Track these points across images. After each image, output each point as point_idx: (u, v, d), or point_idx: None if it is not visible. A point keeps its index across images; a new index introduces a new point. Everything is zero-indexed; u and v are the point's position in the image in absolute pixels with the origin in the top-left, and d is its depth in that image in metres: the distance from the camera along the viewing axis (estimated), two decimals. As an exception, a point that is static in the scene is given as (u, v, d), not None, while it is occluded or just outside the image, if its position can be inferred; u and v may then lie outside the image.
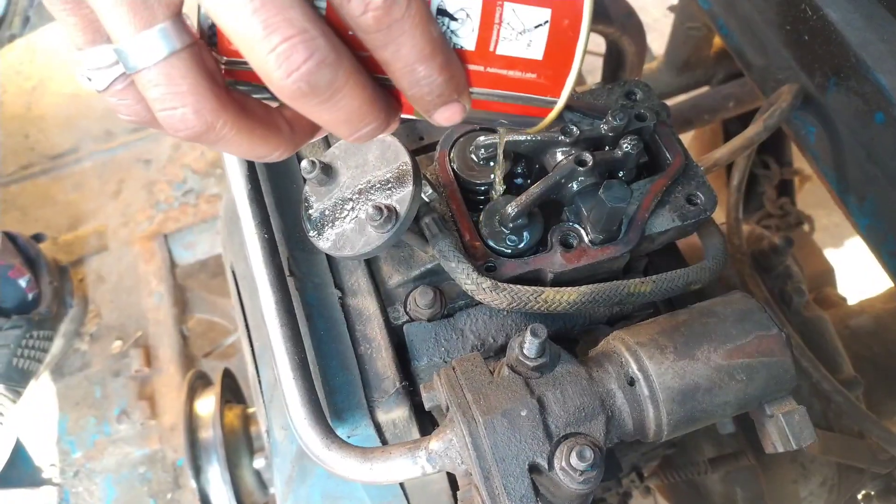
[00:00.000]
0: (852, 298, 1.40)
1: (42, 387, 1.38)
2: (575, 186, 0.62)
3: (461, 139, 0.67)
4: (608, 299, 0.59)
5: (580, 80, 0.96)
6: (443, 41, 0.37)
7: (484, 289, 0.57)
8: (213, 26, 0.38)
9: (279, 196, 0.67)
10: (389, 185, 0.57)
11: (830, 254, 1.72)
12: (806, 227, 1.57)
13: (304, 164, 0.58)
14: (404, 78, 0.36)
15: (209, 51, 0.38)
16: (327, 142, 0.68)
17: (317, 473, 0.65)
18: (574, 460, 0.46)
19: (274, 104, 0.41)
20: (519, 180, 0.69)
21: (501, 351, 0.62)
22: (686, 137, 1.64)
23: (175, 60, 0.35)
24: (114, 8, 0.34)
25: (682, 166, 0.65)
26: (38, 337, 1.32)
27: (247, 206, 0.61)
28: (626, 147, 0.62)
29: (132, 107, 0.38)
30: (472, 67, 0.40)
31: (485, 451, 0.48)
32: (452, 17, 0.38)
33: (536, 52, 0.41)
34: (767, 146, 1.63)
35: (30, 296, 1.33)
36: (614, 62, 1.10)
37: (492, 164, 0.66)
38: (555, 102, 0.44)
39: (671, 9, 1.36)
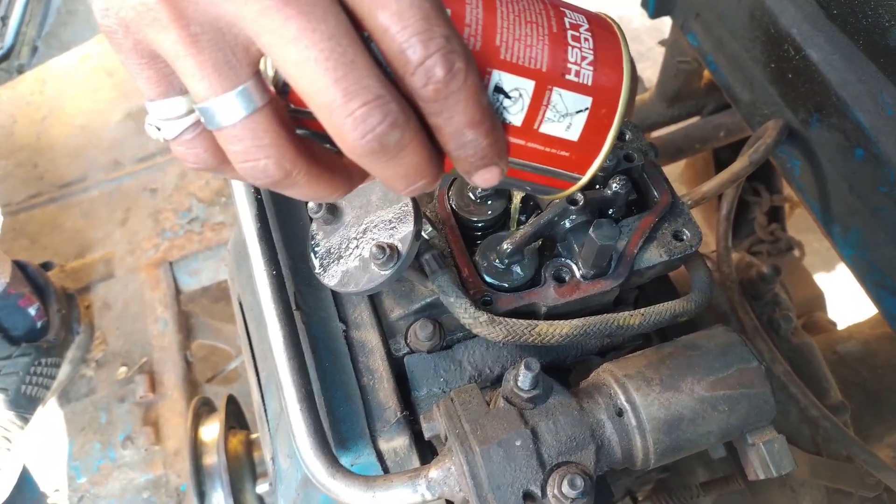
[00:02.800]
0: (843, 322, 1.43)
1: (49, 412, 1.40)
2: (567, 224, 0.66)
3: (459, 178, 0.71)
4: (599, 332, 0.62)
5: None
6: (490, 110, 0.40)
7: (481, 322, 0.60)
8: (286, 82, 0.40)
9: (286, 232, 0.71)
10: (392, 225, 0.60)
11: (821, 278, 1.75)
12: (796, 253, 1.61)
13: (310, 204, 0.62)
14: (452, 141, 0.39)
15: (282, 100, 0.40)
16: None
17: (321, 500, 0.67)
18: (566, 488, 0.48)
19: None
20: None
21: (498, 381, 0.65)
22: (678, 165, 1.68)
23: (258, 117, 0.37)
24: (198, 70, 0.36)
25: (669, 204, 0.68)
26: (46, 364, 1.34)
27: (256, 245, 0.64)
28: (616, 187, 0.66)
29: (200, 155, 0.41)
30: (514, 140, 0.44)
31: (482, 480, 0.51)
32: (507, 96, 0.42)
33: (574, 134, 0.45)
34: (758, 174, 1.67)
35: (39, 324, 1.36)
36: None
37: (489, 202, 0.69)
38: (579, 179, 0.48)
39: (662, 43, 1.40)
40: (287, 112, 0.40)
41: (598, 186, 0.68)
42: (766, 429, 0.54)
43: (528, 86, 0.43)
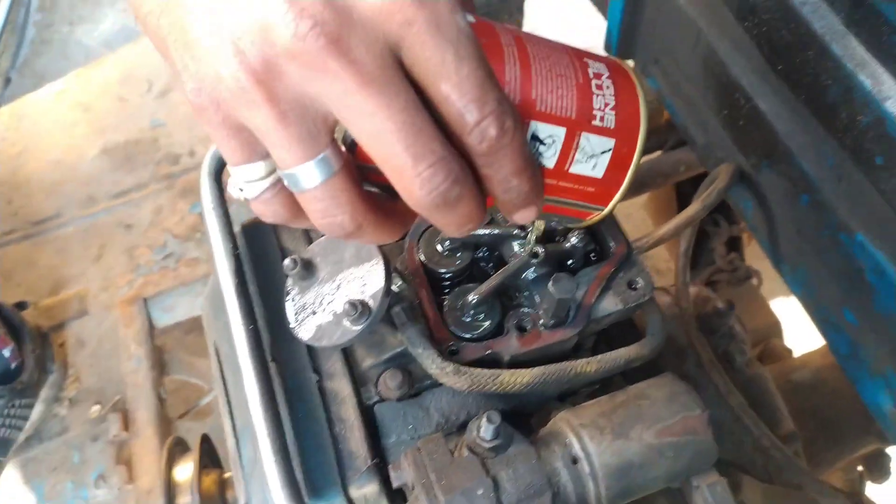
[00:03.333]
0: (800, 347, 1.49)
1: (20, 453, 1.40)
2: (529, 276, 0.70)
3: (427, 231, 0.74)
4: (557, 380, 0.66)
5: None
6: (532, 158, 0.46)
7: (447, 373, 0.64)
8: (353, 140, 0.45)
9: (263, 285, 0.74)
10: (363, 282, 0.64)
11: (780, 303, 1.81)
12: (754, 281, 1.66)
13: (286, 262, 0.65)
14: (499, 187, 0.45)
15: (350, 158, 0.45)
16: (308, 238, 0.75)
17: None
18: (525, 533, 0.52)
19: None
20: (483, 263, 0.76)
21: (463, 427, 0.69)
22: (642, 198, 1.74)
23: (336, 179, 0.42)
24: (286, 142, 0.41)
25: (625, 254, 0.73)
26: (20, 405, 1.35)
27: (234, 300, 0.67)
28: (574, 241, 0.70)
29: (278, 211, 0.46)
30: (547, 181, 0.51)
31: (447, 527, 0.54)
32: (542, 142, 0.49)
33: (599, 172, 0.52)
34: (717, 206, 1.73)
35: (13, 365, 1.36)
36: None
37: (457, 254, 0.73)
38: (602, 210, 0.56)
39: (624, 83, 1.46)
40: (355, 168, 0.45)
41: (557, 239, 0.72)
42: (709, 472, 0.58)
43: (560, 133, 0.49)
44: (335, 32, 0.37)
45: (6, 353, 1.33)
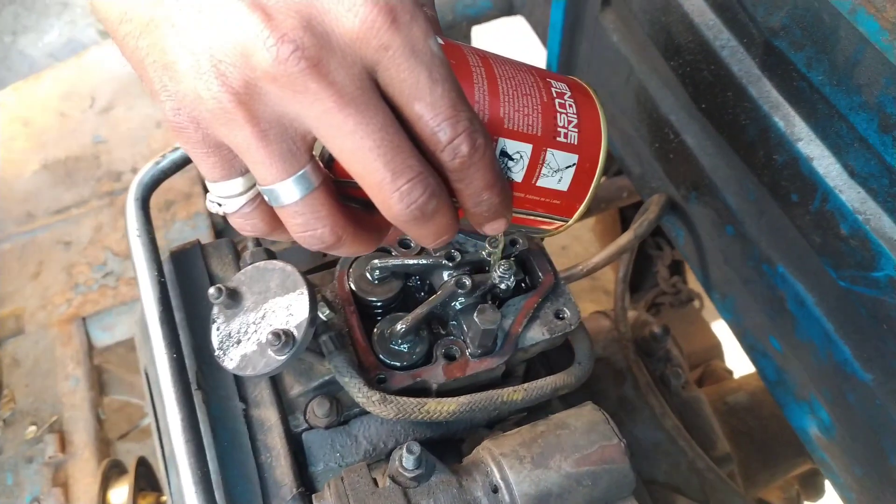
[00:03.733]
0: (740, 368, 1.53)
1: (-51, 476, 1.36)
2: (457, 305, 0.71)
3: (357, 260, 0.75)
4: (484, 408, 0.67)
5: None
6: (501, 173, 0.48)
7: (373, 402, 0.65)
8: (331, 156, 0.46)
9: (190, 312, 0.73)
10: (289, 311, 0.64)
11: (721, 326, 1.86)
12: (696, 303, 1.71)
13: (211, 290, 0.65)
14: (470, 200, 0.47)
15: (329, 173, 0.47)
16: (237, 266, 0.75)
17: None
18: (441, 565, 0.53)
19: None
20: (414, 293, 0.77)
21: (391, 454, 0.69)
22: (589, 222, 1.78)
23: (315, 194, 0.44)
24: (267, 159, 0.42)
25: (552, 285, 0.74)
26: (-51, 427, 1.31)
27: (157, 328, 0.67)
28: (501, 271, 0.71)
29: (257, 224, 0.47)
30: (516, 194, 0.53)
31: (365, 558, 0.54)
32: (510, 158, 0.51)
33: (564, 185, 0.55)
34: (660, 230, 1.78)
35: (-59, 386, 1.32)
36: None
37: (386, 282, 0.74)
38: (567, 220, 0.59)
39: (568, 110, 1.49)
40: (334, 184, 0.46)
41: (486, 269, 0.73)
42: (627, 500, 0.60)
43: (527, 149, 0.51)
44: (315, 56, 0.38)
45: None
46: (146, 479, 1.14)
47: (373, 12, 0.39)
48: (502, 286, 0.71)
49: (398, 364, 0.69)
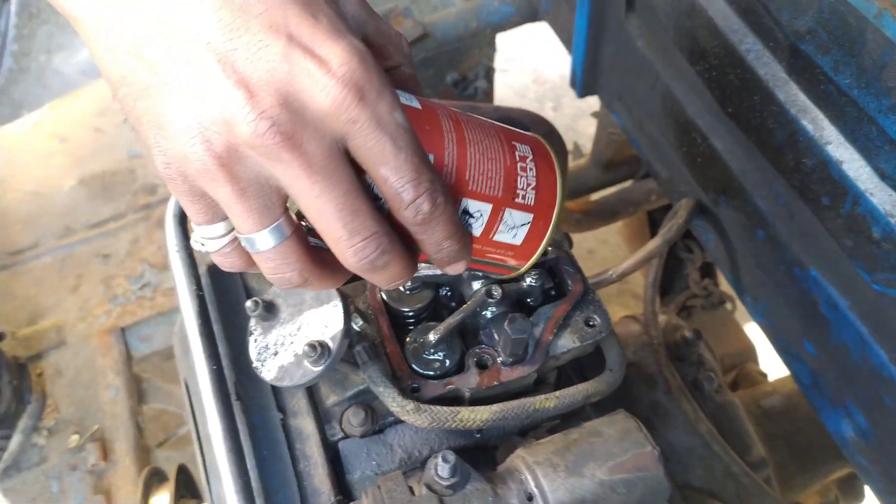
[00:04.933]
0: (775, 371, 1.51)
1: (-2, 483, 1.40)
2: (488, 314, 0.72)
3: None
4: (517, 416, 0.68)
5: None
6: (461, 224, 0.53)
7: (407, 411, 0.66)
8: None
9: (228, 324, 0.75)
10: (324, 323, 0.65)
11: (754, 328, 1.84)
12: (728, 306, 1.69)
13: (248, 303, 0.67)
14: (432, 249, 0.52)
15: (300, 223, 0.51)
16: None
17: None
18: (478, 572, 0.54)
19: None
20: (445, 302, 0.78)
21: (426, 463, 0.70)
22: (616, 225, 1.77)
23: (287, 243, 0.49)
24: (244, 213, 0.46)
25: (582, 293, 0.75)
26: (-3, 436, 1.35)
27: (198, 340, 0.69)
28: (531, 280, 0.72)
29: (235, 262, 0.52)
30: (473, 245, 0.57)
31: (404, 565, 0.56)
32: (471, 216, 0.56)
33: (518, 240, 0.60)
34: (690, 232, 1.77)
35: (-11, 397, 1.36)
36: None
37: (417, 293, 0.75)
38: (518, 269, 0.65)
39: (594, 115, 1.49)
40: (304, 232, 0.51)
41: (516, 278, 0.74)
42: (662, 507, 0.60)
43: (486, 208, 0.56)
44: (289, 131, 0.43)
45: None
46: (186, 486, 1.17)
47: (342, 92, 0.44)
48: (534, 294, 0.72)
49: (431, 373, 0.71)
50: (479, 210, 0.56)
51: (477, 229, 0.57)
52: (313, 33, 0.44)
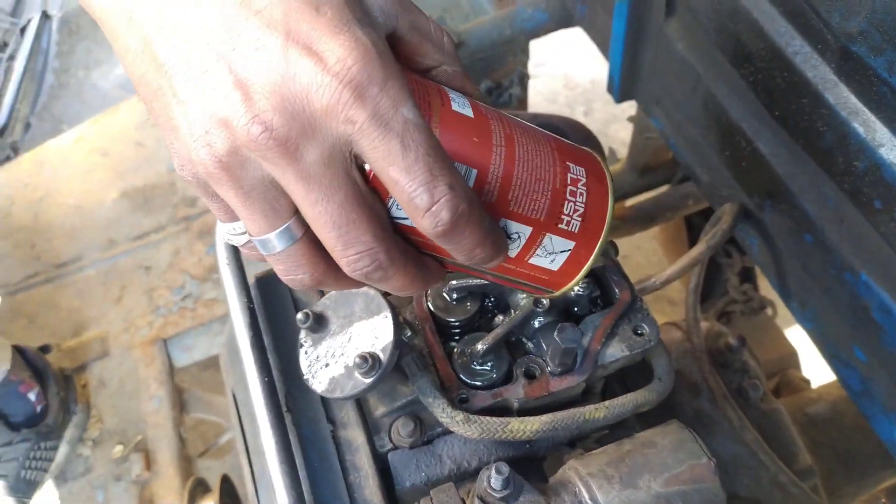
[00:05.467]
0: (818, 377, 1.48)
1: (45, 494, 1.43)
2: (536, 324, 0.72)
3: (436, 281, 0.76)
4: (567, 427, 0.67)
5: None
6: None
7: (457, 422, 0.66)
8: None
9: (277, 336, 0.76)
10: (374, 334, 0.66)
11: (796, 333, 1.81)
12: (769, 311, 1.67)
13: (299, 315, 0.67)
14: (461, 256, 0.48)
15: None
16: (321, 291, 0.77)
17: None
18: (535, 584, 0.53)
19: None
20: (491, 312, 0.78)
21: (475, 474, 0.70)
22: (653, 231, 1.76)
23: (296, 246, 0.47)
24: (250, 216, 0.46)
25: (630, 301, 0.74)
26: (45, 448, 1.38)
27: (249, 353, 0.70)
28: (579, 290, 0.72)
29: (259, 256, 0.52)
30: (507, 265, 0.54)
31: (459, 577, 0.55)
32: (508, 237, 0.52)
33: (555, 266, 0.56)
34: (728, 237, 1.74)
35: (38, 409, 1.39)
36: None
37: (465, 303, 0.75)
38: (552, 293, 0.59)
39: (630, 119, 1.48)
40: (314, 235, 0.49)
41: (563, 287, 0.74)
42: (718, 519, 0.59)
43: (526, 231, 0.52)
44: (283, 136, 0.42)
45: (32, 396, 1.36)
46: (230, 496, 1.18)
47: (338, 89, 0.41)
48: (581, 303, 0.72)
49: (479, 383, 0.70)
50: (518, 232, 0.52)
51: (513, 251, 0.53)
52: (313, 28, 0.41)
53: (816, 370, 1.60)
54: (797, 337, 1.64)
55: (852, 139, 0.73)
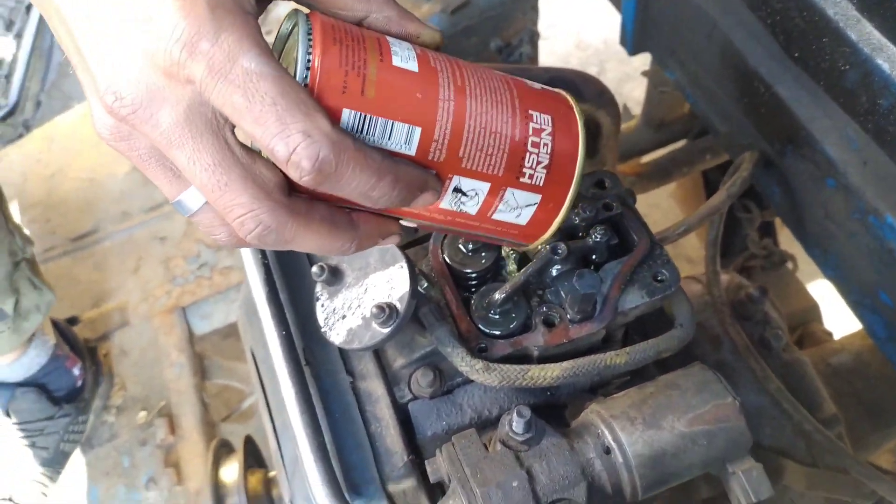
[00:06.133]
0: (840, 330, 1.47)
1: (73, 460, 1.45)
2: (553, 272, 0.71)
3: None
4: (587, 373, 0.67)
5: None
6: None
7: (477, 370, 0.65)
8: None
9: (293, 291, 0.76)
10: (390, 285, 0.65)
11: (817, 286, 1.79)
12: (790, 265, 1.64)
13: (314, 269, 0.67)
14: (363, 201, 0.46)
15: None
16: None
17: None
18: (560, 524, 0.53)
19: None
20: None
21: (496, 422, 0.70)
22: (669, 187, 1.73)
23: (207, 207, 0.47)
24: (157, 181, 0.47)
25: (648, 248, 0.73)
26: (81, 421, 1.40)
27: (266, 308, 0.70)
28: (596, 237, 0.71)
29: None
30: (470, 222, 0.52)
31: (483, 520, 0.56)
32: (464, 194, 0.50)
33: (522, 220, 0.53)
34: (747, 191, 1.71)
35: (79, 383, 1.41)
36: (591, 133, 1.20)
37: (481, 253, 0.74)
38: (527, 245, 0.57)
39: (644, 73, 1.46)
40: None
41: (580, 235, 0.73)
42: (744, 458, 0.59)
43: (483, 187, 0.50)
44: (131, 105, 0.41)
45: (76, 371, 1.38)
46: (254, 457, 1.19)
47: (173, 49, 0.40)
48: (599, 251, 0.71)
49: (497, 333, 0.70)
50: (474, 189, 0.50)
51: (472, 208, 0.51)
52: None
53: (838, 324, 1.59)
54: (819, 290, 1.63)
55: (876, 76, 0.71)
